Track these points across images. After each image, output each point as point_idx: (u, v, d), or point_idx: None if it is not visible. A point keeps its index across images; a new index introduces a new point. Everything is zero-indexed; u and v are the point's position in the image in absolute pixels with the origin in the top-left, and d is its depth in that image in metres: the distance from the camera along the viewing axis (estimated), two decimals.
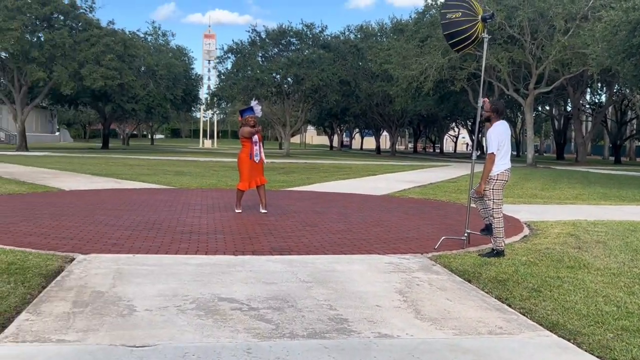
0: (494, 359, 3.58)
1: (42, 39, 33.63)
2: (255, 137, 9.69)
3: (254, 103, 9.97)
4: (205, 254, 6.37)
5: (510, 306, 4.75)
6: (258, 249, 6.73)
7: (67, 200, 10.89)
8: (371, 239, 7.58)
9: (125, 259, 5.99)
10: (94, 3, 36.64)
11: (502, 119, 6.67)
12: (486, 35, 6.78)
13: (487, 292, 5.14)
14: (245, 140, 9.68)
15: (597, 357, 3.68)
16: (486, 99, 6.95)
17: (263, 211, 9.76)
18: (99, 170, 19.56)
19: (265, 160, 10.06)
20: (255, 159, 9.59)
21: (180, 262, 5.93)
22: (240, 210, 9.75)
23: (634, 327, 4.22)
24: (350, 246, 7.06)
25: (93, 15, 36.39)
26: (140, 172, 19.26)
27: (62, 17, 34.90)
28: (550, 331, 4.15)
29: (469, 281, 5.52)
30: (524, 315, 4.52)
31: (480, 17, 6.70)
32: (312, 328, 4.05)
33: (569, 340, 3.98)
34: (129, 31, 41.78)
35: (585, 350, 3.79)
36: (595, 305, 4.74)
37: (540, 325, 4.28)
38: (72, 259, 5.93)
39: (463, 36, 6.67)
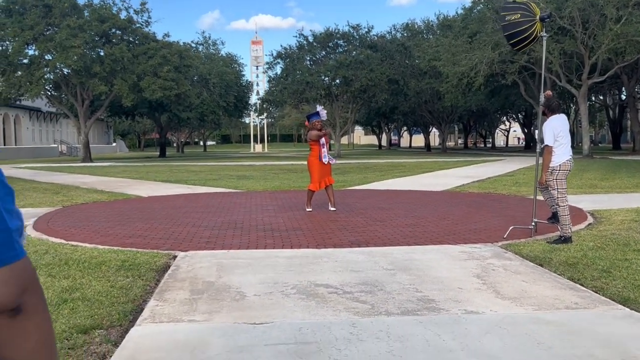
0: (574, 328, 4.02)
1: (101, 54, 35.17)
2: (323, 140, 10.26)
3: (319, 108, 10.54)
4: (291, 248, 6.96)
5: (582, 285, 5.15)
6: (337, 242, 7.29)
7: (148, 205, 11.71)
8: (440, 231, 8.03)
9: (221, 254, 6.64)
10: (150, 18, 38.14)
11: (559, 112, 7.06)
12: (545, 34, 7.17)
13: (559, 274, 5.55)
14: (314, 143, 10.26)
15: None
16: (549, 92, 7.35)
17: (332, 209, 10.32)
18: (167, 177, 20.55)
19: (334, 161, 10.61)
20: (323, 160, 10.16)
21: (271, 256, 6.54)
22: (310, 209, 10.34)
23: None
24: (422, 238, 7.54)
25: (149, 30, 37.88)
26: (206, 178, 20.15)
27: (119, 32, 36.41)
28: (623, 305, 4.54)
29: (541, 265, 5.93)
30: (596, 292, 4.92)
31: (538, 17, 7.09)
32: (404, 307, 4.56)
33: None
34: (184, 42, 43.21)
35: None
36: None
37: (613, 300, 4.68)
38: (175, 256, 6.61)
39: (523, 36, 7.07)
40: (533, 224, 7.48)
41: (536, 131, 7.50)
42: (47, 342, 1.08)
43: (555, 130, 7.04)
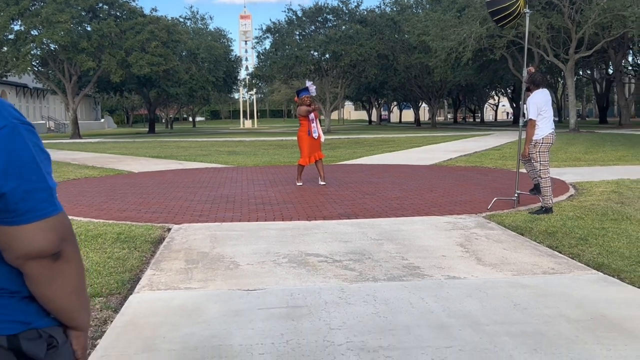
0: (549, 292, 4.27)
1: (89, 29, 34.86)
2: (312, 115, 10.42)
3: (309, 83, 10.69)
4: (282, 220, 7.18)
5: (560, 252, 5.41)
6: (327, 215, 7.51)
7: (140, 180, 11.86)
8: (427, 204, 8.27)
9: (215, 227, 6.85)
10: None
11: (543, 87, 7.27)
12: (528, 11, 7.33)
13: (538, 242, 5.81)
14: (303, 119, 10.42)
15: (638, 287, 4.34)
16: (531, 67, 7.55)
17: (322, 183, 10.53)
18: (157, 153, 20.65)
19: (324, 137, 10.78)
20: (313, 135, 10.34)
21: (263, 228, 6.75)
22: (301, 183, 10.54)
23: None
24: (410, 209, 7.78)
25: (136, 4, 37.53)
26: (196, 153, 20.27)
27: (106, 7, 36.08)
28: (597, 270, 4.80)
29: (522, 234, 6.19)
30: (573, 259, 5.18)
31: None
32: (390, 274, 4.80)
33: (613, 276, 4.64)
34: (171, 17, 42.86)
35: (627, 283, 4.45)
36: (637, 249, 5.36)
37: (588, 266, 4.94)
38: (169, 229, 6.81)
39: (507, 12, 7.24)
40: (516, 195, 7.73)
41: (514, 105, 7.69)
42: (80, 285, 1.28)
43: (539, 104, 7.25)
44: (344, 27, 43.21)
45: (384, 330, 3.55)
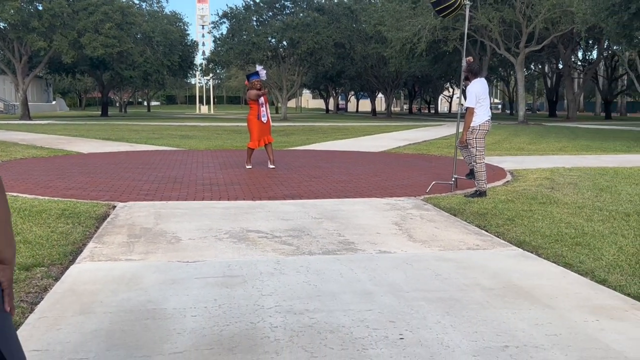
0: (470, 264, 4.58)
1: (40, 8, 34.00)
2: (262, 100, 10.58)
3: (259, 68, 10.84)
4: (228, 200, 7.36)
5: (487, 231, 5.76)
6: (272, 195, 7.72)
7: (89, 161, 11.82)
8: (370, 187, 8.57)
9: (160, 205, 6.97)
10: None
11: (480, 77, 7.61)
12: (467, 2, 7.65)
13: (468, 223, 6.15)
14: (253, 103, 10.58)
15: (552, 262, 4.70)
16: (470, 58, 7.89)
17: (271, 166, 10.72)
18: (108, 136, 20.44)
19: (272, 123, 10.95)
20: (262, 119, 10.50)
21: (208, 206, 6.92)
22: (250, 166, 10.71)
23: (585, 242, 5.23)
24: (353, 192, 8.05)
25: None
26: (148, 137, 20.15)
27: None
28: (518, 247, 5.15)
29: (454, 215, 6.53)
30: (497, 237, 5.53)
31: None
32: (326, 248, 5.05)
33: (532, 252, 4.99)
34: None
35: (544, 258, 4.80)
36: (558, 229, 5.74)
37: (510, 243, 5.29)
38: (114, 206, 6.90)
39: (447, 3, 7.54)
40: (453, 179, 8.09)
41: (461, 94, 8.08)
42: (6, 224, 1.47)
43: (478, 93, 7.60)
44: (301, 14, 43.24)
45: (312, 296, 3.79)
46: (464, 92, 7.95)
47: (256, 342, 3.06)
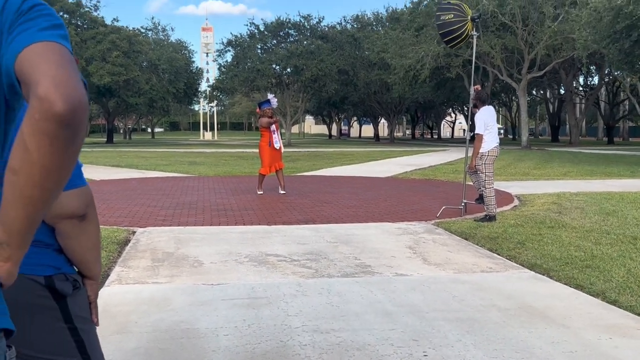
0: (485, 286, 4.75)
1: None
2: (273, 127, 10.82)
3: (270, 96, 11.10)
4: (244, 225, 7.55)
5: (498, 255, 5.93)
6: (286, 220, 7.91)
7: (103, 188, 12.04)
8: (381, 211, 8.75)
9: (179, 230, 7.17)
10: (99, 2, 37.72)
11: (488, 104, 7.86)
12: (475, 33, 7.92)
13: (480, 246, 6.32)
14: (264, 130, 10.82)
15: (564, 284, 4.86)
16: (478, 86, 8.14)
17: (282, 192, 10.92)
18: (117, 163, 20.71)
19: (283, 149, 11.19)
20: (275, 145, 10.74)
21: (226, 231, 7.11)
22: (261, 192, 10.91)
23: (595, 265, 5.40)
24: (364, 217, 8.24)
25: (98, 14, 37.44)
26: (156, 163, 20.41)
27: (67, 16, 35.88)
28: (529, 269, 5.32)
29: (466, 239, 6.70)
30: (509, 260, 5.70)
31: (469, 17, 7.84)
32: (344, 271, 5.22)
33: (543, 274, 5.16)
34: (133, 28, 42.81)
35: (555, 280, 4.97)
36: (567, 252, 5.91)
37: (522, 266, 5.46)
38: (134, 232, 7.09)
39: (455, 34, 7.81)
40: (463, 204, 8.28)
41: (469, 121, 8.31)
42: (97, 242, 1.67)
43: (486, 120, 7.83)
44: (305, 42, 43.87)
45: (336, 316, 3.96)
46: (472, 119, 8.18)
47: (288, 359, 3.23)
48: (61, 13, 35.57)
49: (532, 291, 4.60)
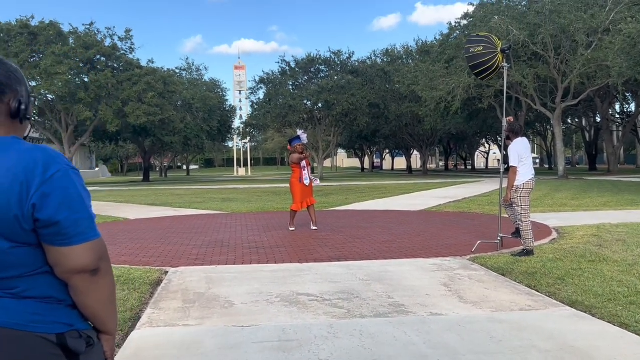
0: (524, 326, 4.57)
1: (86, 80, 35.63)
2: (304, 163, 10.83)
3: (300, 132, 11.13)
4: (275, 263, 7.48)
5: (537, 291, 5.73)
6: (318, 257, 7.82)
7: (137, 227, 12.15)
8: (415, 247, 8.60)
9: (210, 269, 7.14)
10: (133, 44, 38.65)
11: (522, 136, 7.71)
12: (505, 65, 7.83)
13: (518, 282, 6.13)
14: (295, 166, 10.82)
15: (608, 322, 4.65)
16: (511, 117, 8.01)
17: (314, 228, 10.85)
18: (152, 201, 20.95)
19: (317, 182, 11.16)
20: (305, 182, 10.72)
21: (257, 270, 7.05)
22: (293, 228, 10.86)
23: (639, 301, 5.16)
24: (398, 252, 8.10)
25: (133, 56, 38.45)
26: (191, 201, 20.59)
27: (104, 59, 36.94)
28: (571, 307, 5.12)
29: (503, 275, 6.51)
30: (549, 297, 5.50)
31: (499, 49, 7.76)
32: (377, 311, 5.10)
33: (585, 312, 4.95)
34: (167, 68, 43.84)
35: (598, 318, 4.76)
36: (610, 288, 5.68)
37: (563, 303, 5.26)
38: (166, 272, 7.09)
39: (486, 66, 7.73)
40: (499, 238, 8.08)
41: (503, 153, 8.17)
42: (112, 296, 1.63)
43: (520, 152, 7.68)
44: (336, 77, 44.27)
45: None
46: (505, 150, 8.03)
47: None
48: (98, 57, 36.69)
49: (573, 330, 4.41)
